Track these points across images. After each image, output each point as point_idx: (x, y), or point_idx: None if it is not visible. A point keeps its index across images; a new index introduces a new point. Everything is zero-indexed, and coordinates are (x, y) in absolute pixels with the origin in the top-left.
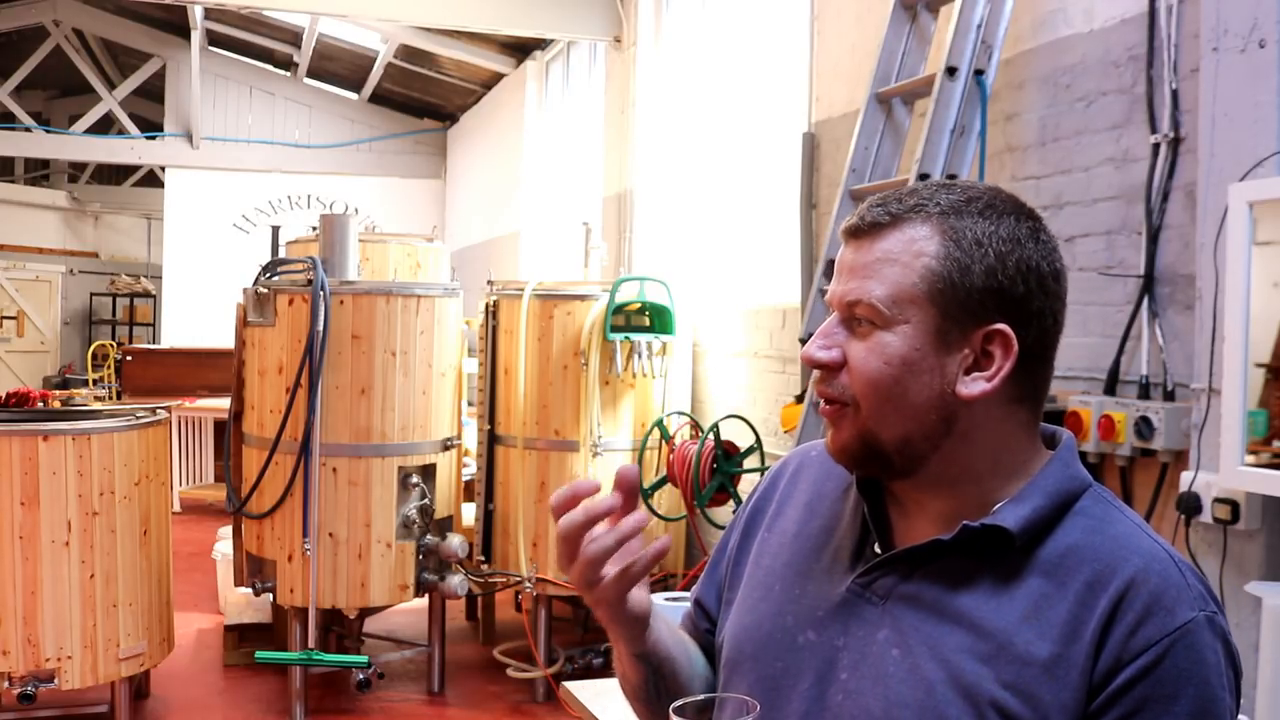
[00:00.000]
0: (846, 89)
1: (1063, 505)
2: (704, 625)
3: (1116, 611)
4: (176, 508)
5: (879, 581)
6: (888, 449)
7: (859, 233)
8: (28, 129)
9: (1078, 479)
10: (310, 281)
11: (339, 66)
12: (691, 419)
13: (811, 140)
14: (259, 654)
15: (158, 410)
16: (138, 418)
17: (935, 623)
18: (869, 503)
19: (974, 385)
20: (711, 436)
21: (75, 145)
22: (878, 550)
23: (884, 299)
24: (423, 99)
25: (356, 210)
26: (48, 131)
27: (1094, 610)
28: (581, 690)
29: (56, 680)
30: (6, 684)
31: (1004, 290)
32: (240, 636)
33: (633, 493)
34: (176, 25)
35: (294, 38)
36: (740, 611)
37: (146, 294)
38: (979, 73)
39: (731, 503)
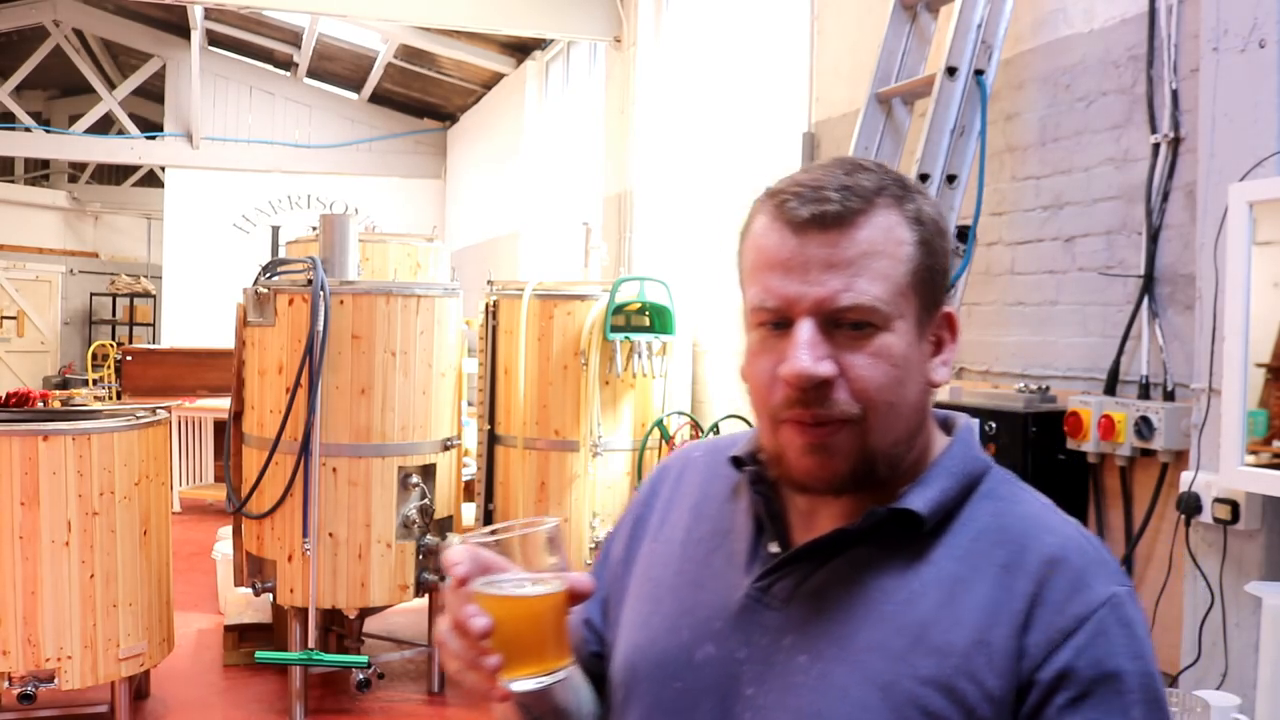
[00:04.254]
0: (847, 89)
1: (968, 487)
2: (593, 647)
3: (1040, 592)
4: (176, 508)
5: (779, 583)
6: (881, 460)
7: (828, 222)
8: (28, 129)
9: (980, 460)
10: (310, 281)
11: (339, 66)
12: (692, 419)
13: (812, 140)
14: (259, 654)
15: (158, 410)
16: (138, 418)
17: (843, 621)
18: (764, 500)
19: (941, 371)
20: (711, 436)
21: (75, 145)
22: (775, 549)
23: (884, 297)
24: (423, 99)
25: (356, 210)
26: (48, 131)
27: (1014, 592)
28: None
29: (56, 680)
30: (6, 684)
31: (945, 269)
32: (240, 636)
33: (479, 572)
34: (176, 25)
35: (294, 38)
36: (630, 629)
37: (146, 294)
38: (979, 73)
39: None
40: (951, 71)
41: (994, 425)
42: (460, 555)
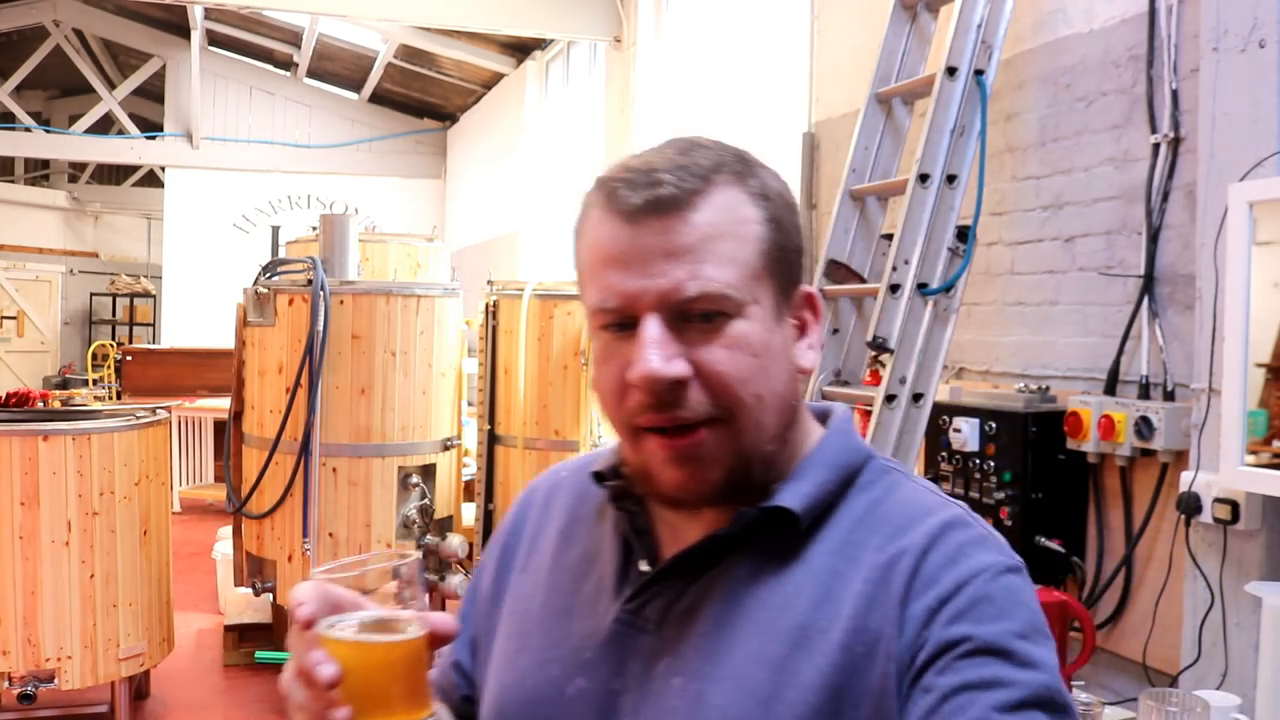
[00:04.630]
0: (847, 89)
1: (846, 479)
2: (463, 691)
3: (919, 565)
4: (176, 508)
5: (651, 604)
6: (756, 461)
7: (663, 207)
8: (28, 129)
9: (859, 450)
10: (310, 281)
11: (339, 66)
12: None
13: (811, 140)
14: (259, 654)
15: (158, 410)
16: (138, 418)
17: (718, 636)
18: (630, 515)
19: (808, 356)
20: None
21: (75, 145)
22: (645, 568)
23: (734, 282)
24: (423, 99)
25: (356, 210)
26: (48, 131)
27: (892, 572)
28: None
29: (56, 680)
30: (6, 684)
31: (800, 247)
32: (240, 636)
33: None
34: (176, 25)
35: (294, 38)
36: (498, 669)
37: (146, 294)
38: (979, 73)
39: None
40: (951, 71)
41: (994, 425)
42: (306, 593)
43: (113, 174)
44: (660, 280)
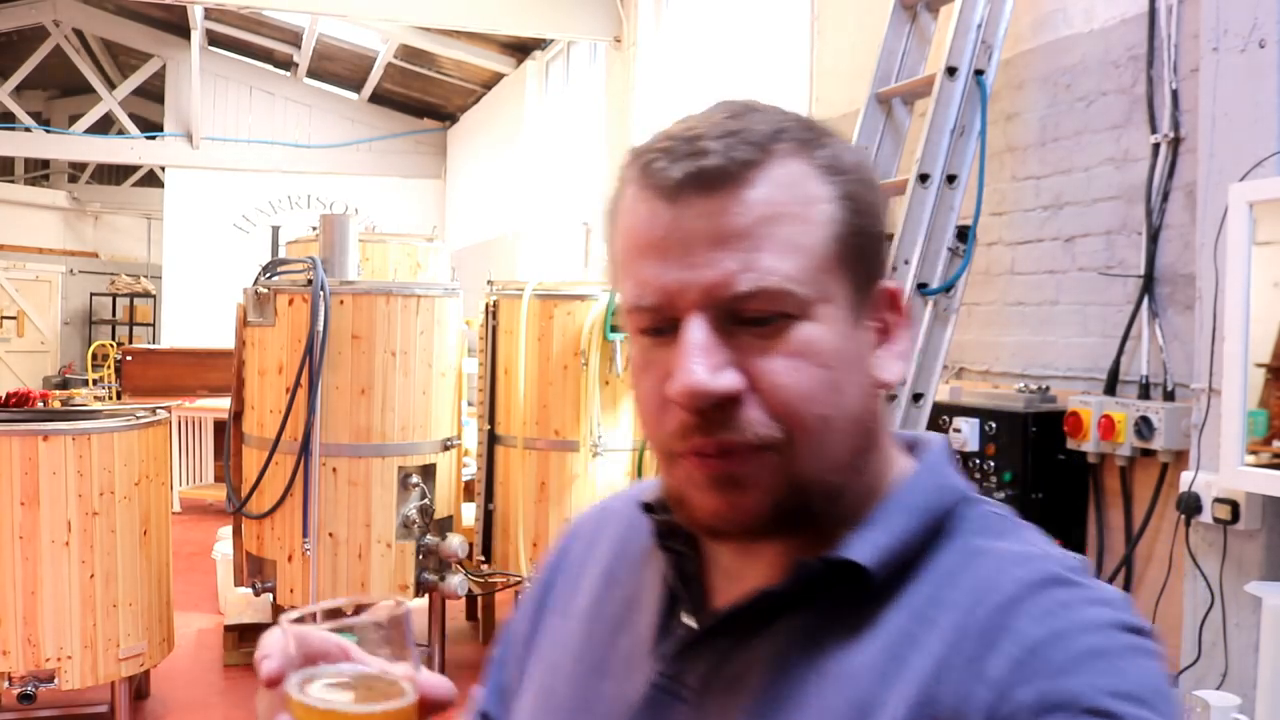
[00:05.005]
0: (847, 89)
1: (934, 527)
2: None
3: (1005, 622)
4: (176, 508)
5: (691, 668)
6: (815, 492)
7: (708, 181)
8: (27, 129)
9: (952, 491)
10: (310, 281)
11: (339, 66)
12: None
13: None
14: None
15: (158, 410)
16: (138, 418)
17: (766, 711)
18: (676, 557)
19: (893, 367)
20: None
21: (75, 145)
22: (689, 623)
23: (797, 275)
24: (423, 99)
25: (356, 210)
26: (48, 131)
27: (970, 631)
28: None
29: (56, 680)
30: (6, 684)
31: (882, 233)
32: (240, 636)
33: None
34: (176, 25)
35: (294, 38)
36: None
37: (146, 294)
38: (979, 73)
39: None
40: (951, 71)
41: (994, 425)
42: (272, 644)
43: (113, 174)
44: (706, 272)
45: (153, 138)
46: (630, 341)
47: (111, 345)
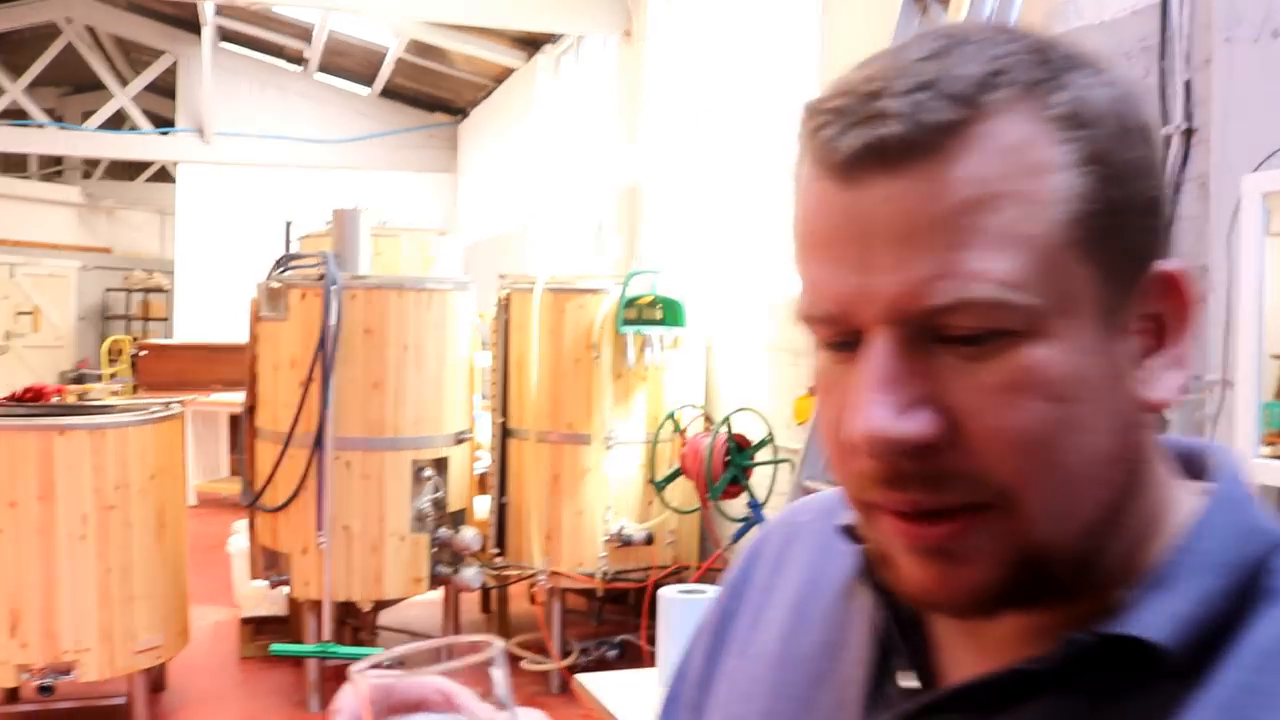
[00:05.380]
0: None
1: (1243, 586)
2: None
3: None
4: (192, 501)
5: None
6: (1059, 559)
7: (891, 154)
8: (40, 125)
9: (1259, 532)
10: (322, 276)
11: (350, 62)
12: (704, 412)
13: None
14: (274, 647)
15: (171, 405)
16: (152, 412)
17: None
18: (888, 603)
19: (1164, 381)
20: (724, 429)
21: (88, 141)
22: (910, 685)
23: (1018, 278)
24: (434, 94)
25: (368, 205)
26: (61, 128)
27: None
28: (593, 682)
29: (74, 673)
30: (26, 676)
31: (1153, 198)
32: (256, 629)
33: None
34: (188, 21)
35: (305, 34)
36: None
37: (160, 289)
38: None
39: (745, 495)
40: None
41: None
42: (344, 700)
43: (126, 170)
44: (890, 278)
45: (165, 133)
46: (818, 352)
47: (127, 340)
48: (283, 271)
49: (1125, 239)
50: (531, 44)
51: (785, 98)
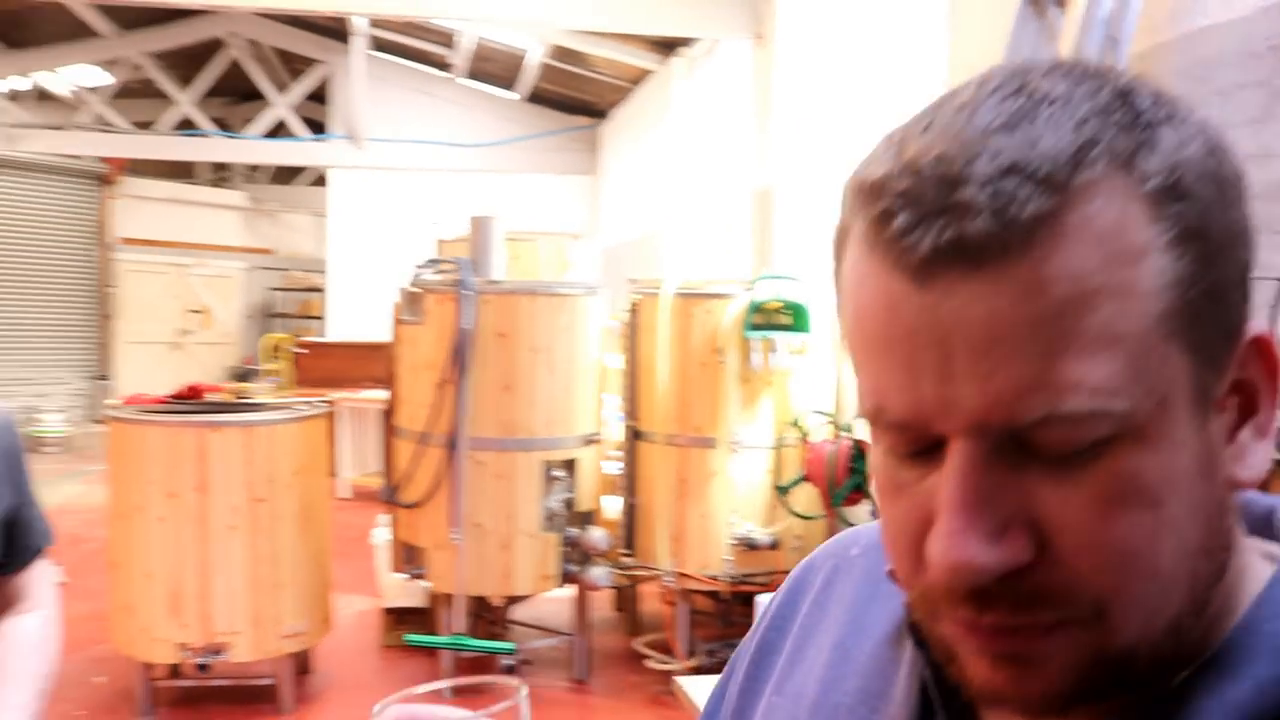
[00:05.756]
0: None
1: None
2: None
3: None
4: (348, 494)
5: None
6: (1142, 659)
7: (977, 255)
8: (208, 135)
9: None
10: (458, 281)
11: (495, 67)
12: (830, 418)
13: None
14: (408, 636)
15: (317, 403)
16: (298, 411)
17: None
18: (933, 666)
19: (1254, 457)
20: (848, 436)
21: (250, 149)
22: None
23: (1115, 383)
24: (575, 96)
25: (504, 210)
26: (226, 137)
27: None
28: (691, 685)
29: (227, 653)
30: (186, 655)
31: (1245, 260)
32: (397, 619)
33: None
34: (341, 32)
35: (452, 41)
36: None
37: (317, 289)
38: None
39: (867, 503)
40: None
41: None
42: None
43: (286, 174)
44: (975, 388)
45: (320, 140)
46: (872, 447)
47: (287, 338)
48: (421, 276)
49: (1222, 316)
50: (668, 46)
51: (913, 101)
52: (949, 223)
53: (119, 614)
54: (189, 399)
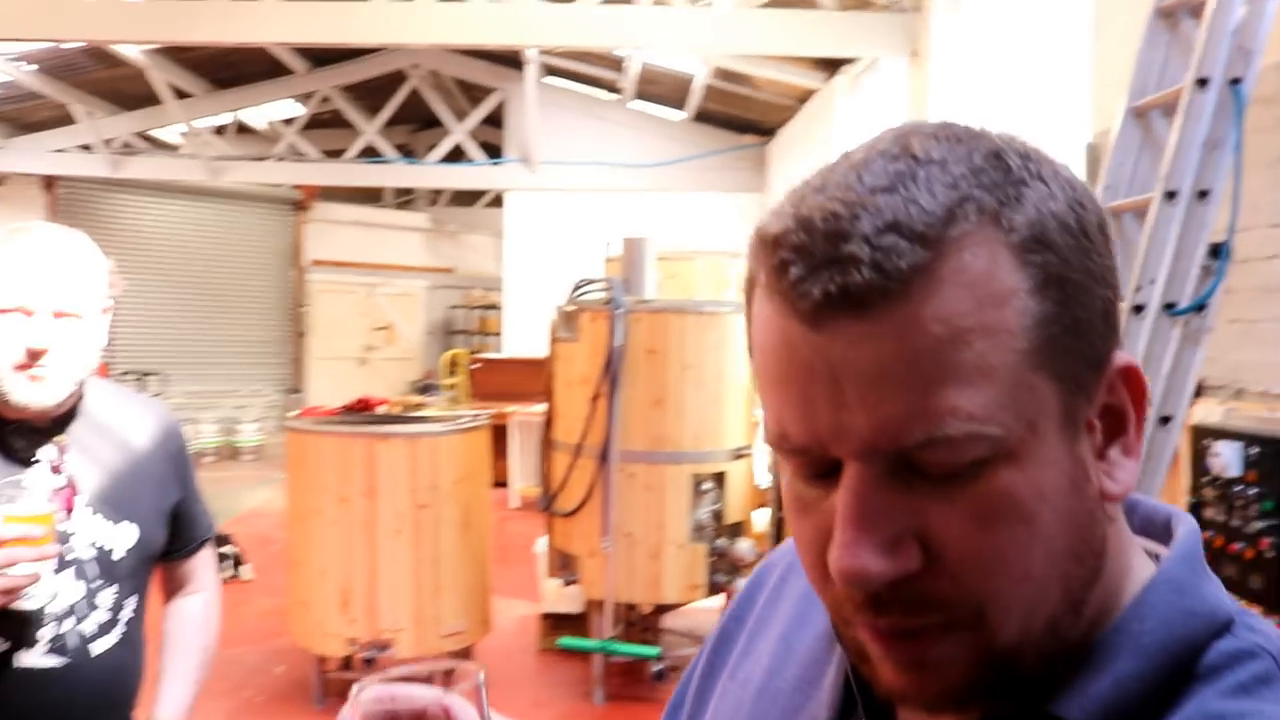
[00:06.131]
0: (1128, 99)
1: (1172, 670)
2: None
3: None
4: (517, 504)
5: None
6: (1026, 656)
7: (861, 302)
8: (391, 161)
9: (1197, 615)
10: (610, 300)
11: (661, 89)
12: None
13: (1093, 151)
14: (561, 640)
15: (480, 415)
16: (460, 423)
17: None
18: (853, 665)
19: (1121, 472)
20: None
21: (431, 174)
22: None
23: (989, 410)
24: (742, 115)
25: (670, 229)
26: (408, 163)
27: None
28: None
29: (391, 649)
30: (355, 649)
31: (1108, 296)
32: (554, 624)
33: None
34: (515, 61)
35: (620, 66)
36: None
37: (494, 306)
38: (1235, 81)
39: None
40: (1202, 82)
41: (1258, 450)
42: (346, 716)
43: (465, 197)
44: (863, 417)
45: (496, 164)
46: (781, 471)
47: (464, 353)
48: (577, 296)
49: (1083, 345)
50: (830, 65)
51: (1059, 115)
52: (836, 274)
53: (297, 609)
54: (359, 410)
